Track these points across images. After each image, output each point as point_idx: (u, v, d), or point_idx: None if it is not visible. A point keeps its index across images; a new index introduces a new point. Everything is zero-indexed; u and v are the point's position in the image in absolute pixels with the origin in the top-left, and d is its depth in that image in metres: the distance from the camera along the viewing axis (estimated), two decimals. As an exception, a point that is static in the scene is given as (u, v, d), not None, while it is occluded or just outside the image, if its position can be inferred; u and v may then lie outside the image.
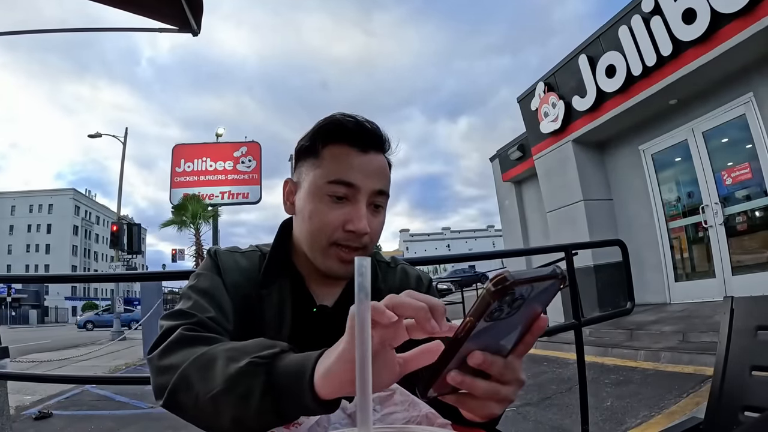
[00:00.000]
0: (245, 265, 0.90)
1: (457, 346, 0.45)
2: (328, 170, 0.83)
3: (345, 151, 0.84)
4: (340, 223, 0.82)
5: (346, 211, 0.82)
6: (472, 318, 0.43)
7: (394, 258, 1.04)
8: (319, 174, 0.84)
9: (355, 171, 0.83)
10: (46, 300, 59.99)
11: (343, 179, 0.82)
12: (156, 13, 2.91)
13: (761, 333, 1.14)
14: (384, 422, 0.65)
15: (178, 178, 19.62)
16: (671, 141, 7.22)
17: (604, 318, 3.74)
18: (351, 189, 0.82)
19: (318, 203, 0.83)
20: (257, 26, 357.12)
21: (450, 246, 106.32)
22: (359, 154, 0.84)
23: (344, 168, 0.83)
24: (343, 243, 0.83)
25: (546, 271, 0.44)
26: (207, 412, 0.62)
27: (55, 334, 23.36)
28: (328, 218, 0.82)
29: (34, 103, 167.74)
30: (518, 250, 10.04)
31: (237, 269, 0.89)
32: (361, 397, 0.42)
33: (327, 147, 0.84)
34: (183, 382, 0.64)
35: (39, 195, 73.34)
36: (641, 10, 6.42)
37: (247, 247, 0.97)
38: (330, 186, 0.82)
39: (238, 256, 0.92)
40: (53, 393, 5.77)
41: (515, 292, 0.41)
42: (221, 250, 0.93)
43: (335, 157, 0.83)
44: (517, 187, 11.09)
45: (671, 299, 7.24)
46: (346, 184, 0.82)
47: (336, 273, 0.85)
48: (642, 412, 3.35)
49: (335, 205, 0.82)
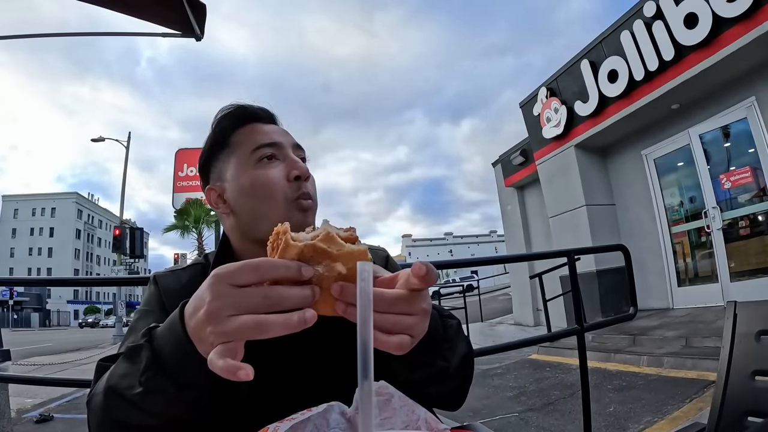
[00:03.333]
0: (186, 279, 0.88)
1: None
2: (247, 145, 0.87)
3: (251, 127, 0.89)
4: (283, 175, 0.84)
5: (281, 166, 0.86)
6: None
7: (368, 247, 1.04)
8: (239, 154, 0.87)
9: (270, 134, 0.88)
10: (48, 303, 60.14)
11: (264, 142, 0.86)
12: (159, 18, 2.92)
13: (765, 338, 1.14)
14: (383, 427, 0.64)
15: (180, 182, 19.62)
16: (673, 146, 7.21)
17: (606, 323, 3.75)
18: (275, 147, 0.87)
19: (253, 171, 0.85)
20: (258, 27, 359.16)
21: (452, 251, 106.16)
22: (265, 125, 0.90)
23: (259, 136, 0.87)
24: (295, 196, 0.84)
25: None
26: (138, 414, 0.59)
27: (57, 337, 23.36)
28: (270, 176, 0.84)
29: (34, 104, 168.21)
30: (521, 255, 10.03)
31: (178, 288, 0.86)
32: (364, 400, 0.41)
33: (233, 133, 0.89)
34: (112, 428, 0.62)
35: (42, 198, 73.62)
36: (643, 14, 6.43)
37: (193, 260, 0.98)
38: (256, 152, 0.86)
39: (180, 273, 0.90)
40: (55, 396, 5.77)
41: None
42: (161, 273, 0.91)
43: (247, 133, 0.88)
44: (520, 193, 11.09)
45: (674, 304, 7.21)
46: (269, 144, 0.86)
47: (302, 226, 0.84)
48: (645, 418, 3.34)
49: (270, 164, 0.85)
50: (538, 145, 9.11)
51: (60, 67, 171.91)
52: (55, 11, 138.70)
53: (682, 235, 7.28)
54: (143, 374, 0.57)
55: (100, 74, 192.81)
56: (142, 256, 18.80)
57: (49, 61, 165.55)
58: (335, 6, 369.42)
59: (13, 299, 46.93)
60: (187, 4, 2.74)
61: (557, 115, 8.34)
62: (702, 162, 6.74)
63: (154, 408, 0.58)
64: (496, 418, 3.76)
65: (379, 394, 0.66)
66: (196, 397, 0.60)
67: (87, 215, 77.14)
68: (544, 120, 8.71)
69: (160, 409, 0.59)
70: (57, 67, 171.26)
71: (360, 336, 0.42)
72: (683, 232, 7.23)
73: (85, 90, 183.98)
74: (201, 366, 0.51)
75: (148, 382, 0.57)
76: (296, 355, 0.81)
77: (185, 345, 0.54)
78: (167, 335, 0.58)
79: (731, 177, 6.43)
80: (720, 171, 6.59)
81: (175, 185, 19.62)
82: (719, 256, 6.47)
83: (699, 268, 7.10)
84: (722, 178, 6.51)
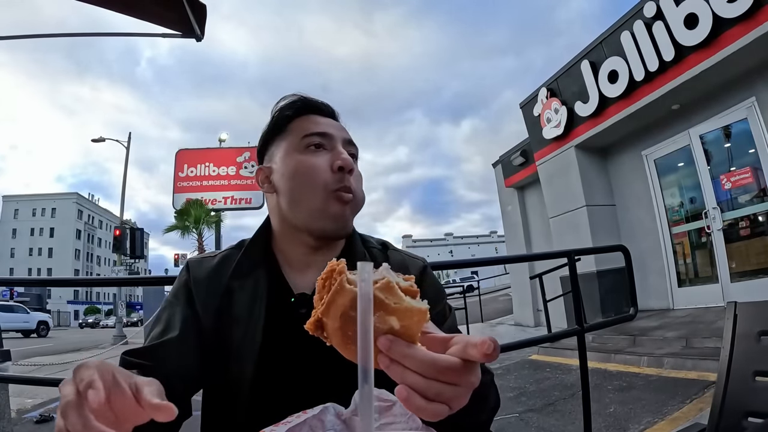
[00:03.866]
0: (211, 267, 0.91)
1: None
2: (299, 131, 0.89)
3: (309, 117, 0.92)
4: (327, 165, 0.86)
5: (328, 155, 0.87)
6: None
7: (386, 243, 1.03)
8: (291, 139, 0.90)
9: (323, 125, 0.90)
10: (48, 304, 60.03)
11: (315, 131, 0.89)
12: (160, 19, 2.92)
13: (765, 338, 1.14)
14: (382, 430, 0.64)
15: (181, 183, 19.66)
16: (674, 146, 7.21)
17: (607, 324, 3.74)
18: (325, 137, 0.89)
19: (299, 156, 0.87)
20: (258, 27, 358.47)
21: (453, 252, 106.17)
22: (324, 118, 0.93)
23: (313, 125, 0.90)
24: (336, 187, 0.85)
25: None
26: None
27: (57, 337, 23.35)
28: (314, 163, 0.86)
29: (34, 104, 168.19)
30: (521, 255, 10.01)
31: (207, 272, 0.90)
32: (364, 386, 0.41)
33: (292, 121, 0.91)
34: None
35: (42, 199, 73.66)
36: (643, 15, 6.43)
37: (230, 245, 0.98)
38: (306, 139, 0.88)
39: (208, 260, 0.93)
40: (55, 396, 5.76)
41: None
42: (193, 260, 0.94)
43: (303, 122, 0.91)
44: (520, 193, 11.08)
45: (674, 305, 7.20)
46: (320, 134, 0.88)
47: (338, 218, 0.86)
48: (645, 418, 3.34)
49: (316, 152, 0.87)
50: (538, 146, 9.11)
51: (60, 66, 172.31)
52: (56, 12, 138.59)
53: (682, 236, 7.28)
54: None
55: (100, 74, 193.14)
56: (142, 257, 18.81)
57: (49, 61, 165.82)
58: (335, 6, 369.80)
59: (14, 299, 46.92)
60: (188, 5, 2.73)
61: (557, 115, 8.34)
62: (702, 162, 6.74)
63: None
64: (497, 419, 3.75)
65: (381, 400, 0.66)
66: None
67: (87, 215, 77.17)
68: (544, 120, 8.71)
69: None
70: (57, 67, 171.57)
71: (360, 340, 0.41)
72: (683, 232, 7.23)
73: (85, 90, 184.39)
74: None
75: None
76: (296, 356, 0.81)
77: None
78: None
79: (732, 177, 6.42)
80: (720, 171, 6.58)
81: (176, 185, 19.65)
82: (719, 256, 6.46)
83: (699, 269, 7.10)
84: (722, 178, 6.51)
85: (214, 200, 19.51)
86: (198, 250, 19.97)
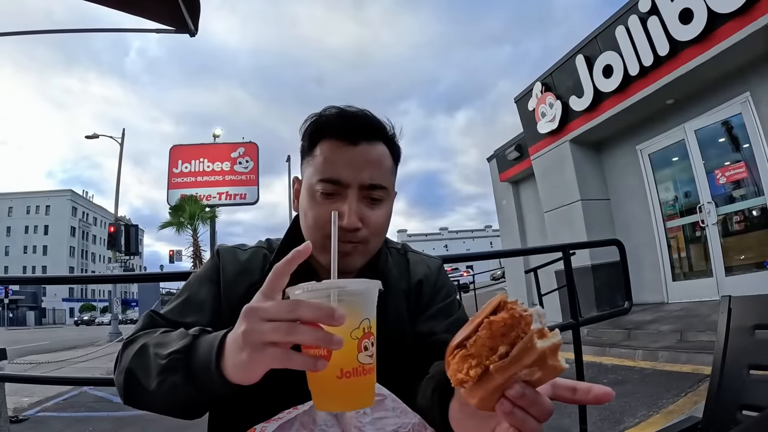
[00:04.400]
0: (244, 259, 0.92)
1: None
2: (318, 168, 0.83)
3: (334, 145, 0.83)
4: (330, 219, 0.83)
5: (336, 207, 0.81)
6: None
7: (405, 245, 1.05)
8: (311, 172, 0.85)
9: (343, 166, 0.81)
10: (43, 301, 59.84)
11: (330, 177, 0.81)
12: (152, 14, 2.87)
13: (759, 332, 1.15)
14: (375, 426, 0.64)
15: (175, 179, 19.61)
16: (668, 141, 7.24)
17: (602, 318, 3.75)
18: (338, 186, 0.82)
19: (311, 200, 0.84)
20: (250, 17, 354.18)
21: (447, 246, 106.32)
22: (348, 147, 0.82)
23: (331, 164, 0.82)
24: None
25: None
26: (157, 404, 0.68)
27: (52, 335, 23.28)
28: (318, 214, 0.82)
29: (22, 97, 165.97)
30: (516, 250, 10.04)
31: (236, 263, 0.91)
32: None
33: (318, 144, 0.84)
34: (130, 378, 0.69)
35: (36, 196, 73.18)
36: (638, 10, 6.43)
37: (256, 243, 0.98)
38: (320, 184, 0.82)
39: (240, 252, 0.94)
40: (51, 395, 5.74)
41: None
42: (225, 248, 0.95)
43: (324, 153, 0.83)
44: (515, 187, 11.10)
45: (669, 299, 7.25)
46: (333, 181, 0.81)
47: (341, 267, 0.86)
48: (640, 412, 3.36)
49: (325, 202, 0.82)
50: (532, 140, 9.12)
51: (48, 58, 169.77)
52: (41, 3, 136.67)
53: (676, 230, 7.31)
54: (171, 354, 0.63)
55: (89, 65, 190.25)
56: (137, 253, 18.74)
57: (37, 52, 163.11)
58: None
59: (9, 298, 46.72)
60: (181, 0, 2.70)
61: (552, 110, 8.35)
62: (697, 157, 6.76)
63: (160, 379, 0.64)
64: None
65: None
66: (195, 397, 0.64)
67: (82, 212, 76.78)
68: (539, 115, 8.71)
69: (165, 385, 0.64)
70: (45, 59, 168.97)
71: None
72: (678, 226, 7.27)
73: (74, 81, 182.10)
74: (212, 375, 0.58)
75: (170, 362, 0.63)
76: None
77: (214, 359, 0.59)
78: (207, 343, 0.62)
79: (726, 172, 6.45)
80: (715, 166, 6.61)
81: (170, 181, 19.59)
82: (714, 250, 6.50)
83: (694, 263, 7.15)
84: (717, 173, 6.54)
85: (208, 196, 19.48)
86: (193, 246, 19.94)
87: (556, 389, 0.49)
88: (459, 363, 0.46)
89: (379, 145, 0.85)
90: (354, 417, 0.65)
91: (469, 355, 0.45)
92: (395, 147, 0.89)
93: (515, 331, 0.44)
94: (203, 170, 19.65)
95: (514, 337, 0.44)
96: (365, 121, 0.84)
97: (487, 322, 0.44)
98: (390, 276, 0.93)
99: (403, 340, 0.88)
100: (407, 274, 0.97)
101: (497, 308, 0.45)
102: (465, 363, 0.45)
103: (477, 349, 0.45)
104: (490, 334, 0.44)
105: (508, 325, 0.44)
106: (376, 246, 0.88)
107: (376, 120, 0.86)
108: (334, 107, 0.85)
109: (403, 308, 0.92)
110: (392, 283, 0.92)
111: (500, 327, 0.44)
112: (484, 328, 0.44)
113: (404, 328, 0.90)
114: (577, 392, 0.49)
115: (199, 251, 19.90)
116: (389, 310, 0.89)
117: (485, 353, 0.44)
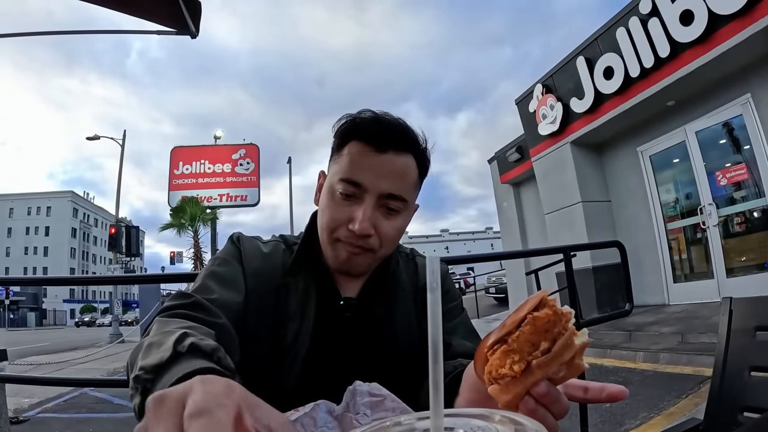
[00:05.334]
0: (267, 252, 0.92)
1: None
2: (343, 168, 0.83)
3: (361, 148, 0.83)
4: (345, 220, 0.83)
5: (352, 209, 0.82)
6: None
7: (413, 250, 1.06)
8: (336, 170, 0.85)
9: (367, 171, 0.82)
10: (44, 302, 59.86)
11: (352, 178, 0.82)
12: (154, 16, 2.88)
13: (760, 333, 1.14)
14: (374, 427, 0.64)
15: (176, 180, 19.61)
16: (669, 142, 7.23)
17: (603, 319, 3.75)
18: (359, 188, 0.82)
19: (329, 199, 0.85)
20: (251, 18, 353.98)
21: (448, 248, 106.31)
22: (375, 154, 0.82)
23: (356, 167, 0.82)
24: (344, 240, 0.83)
25: None
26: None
27: (53, 336, 23.29)
28: (333, 214, 0.83)
29: (22, 97, 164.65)
30: (517, 251, 10.05)
31: (260, 256, 0.90)
32: (434, 391, 0.40)
33: (347, 144, 0.85)
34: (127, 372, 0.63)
35: (37, 197, 73.27)
36: (639, 11, 6.44)
37: (270, 237, 0.98)
38: (341, 183, 0.83)
39: (261, 244, 0.94)
40: (52, 396, 5.74)
41: None
42: (244, 236, 0.94)
43: (351, 154, 0.83)
44: (516, 189, 11.10)
45: (670, 300, 7.24)
46: (354, 183, 0.82)
47: (339, 268, 0.87)
48: (641, 413, 3.35)
49: (343, 203, 0.83)
50: (533, 142, 9.12)
51: (48, 58, 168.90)
52: (41, 4, 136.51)
53: (677, 232, 7.31)
54: (140, 371, 0.54)
55: (89, 66, 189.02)
56: (138, 255, 18.76)
57: (37, 53, 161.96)
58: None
59: (9, 299, 46.75)
60: (182, 2, 2.71)
61: (553, 111, 8.35)
62: (698, 158, 6.76)
63: (130, 393, 0.56)
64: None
65: (372, 395, 0.66)
66: None
67: (82, 214, 76.86)
68: (539, 117, 8.72)
69: (132, 401, 0.56)
70: (45, 59, 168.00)
71: (431, 333, 0.41)
72: (679, 228, 7.26)
73: (75, 82, 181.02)
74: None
75: (134, 381, 0.55)
76: (341, 357, 0.85)
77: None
78: (177, 370, 0.51)
79: (727, 174, 6.45)
80: (716, 167, 6.61)
81: (171, 183, 19.59)
82: (715, 252, 6.50)
83: (695, 265, 7.14)
84: (718, 174, 6.54)
85: (209, 197, 19.48)
86: (194, 248, 19.93)
87: (568, 388, 0.50)
88: (501, 358, 0.45)
89: (407, 156, 0.85)
90: (354, 418, 0.65)
91: (511, 351, 0.45)
92: (424, 161, 0.89)
93: (557, 328, 0.44)
94: (204, 172, 19.66)
95: (556, 333, 0.44)
96: (397, 131, 0.84)
97: (531, 318, 0.44)
98: (400, 278, 0.96)
99: (411, 343, 0.90)
100: (416, 277, 0.99)
101: (539, 305, 0.46)
102: (507, 358, 0.45)
103: (520, 345, 0.45)
104: (534, 329, 0.44)
105: (551, 321, 0.44)
106: (384, 254, 0.89)
107: (410, 131, 0.86)
108: (371, 111, 0.85)
109: (412, 311, 0.94)
110: (402, 286, 0.95)
111: (544, 323, 0.44)
112: (528, 323, 0.44)
113: (413, 330, 0.92)
114: (589, 391, 0.50)
115: (200, 253, 19.87)
116: (399, 312, 0.92)
117: (527, 349, 0.45)
